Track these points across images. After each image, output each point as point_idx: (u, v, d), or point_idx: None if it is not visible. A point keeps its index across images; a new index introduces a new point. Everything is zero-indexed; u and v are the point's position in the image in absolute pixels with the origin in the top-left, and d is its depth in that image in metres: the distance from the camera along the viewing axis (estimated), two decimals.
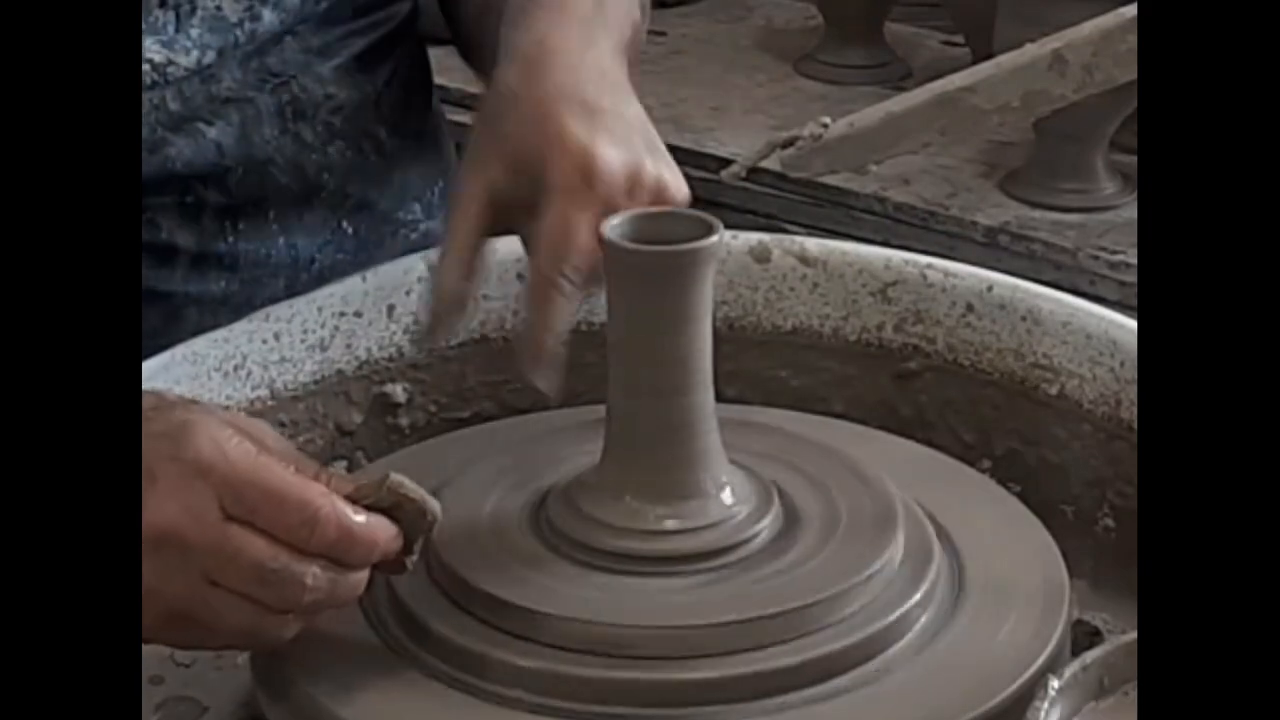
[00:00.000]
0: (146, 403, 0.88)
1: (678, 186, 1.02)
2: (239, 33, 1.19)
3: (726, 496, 0.97)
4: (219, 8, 1.18)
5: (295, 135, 1.24)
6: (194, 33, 1.17)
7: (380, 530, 0.88)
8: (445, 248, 1.01)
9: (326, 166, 1.25)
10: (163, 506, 0.85)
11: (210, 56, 1.18)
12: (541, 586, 0.93)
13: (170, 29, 1.16)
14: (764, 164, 2.01)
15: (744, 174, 2.02)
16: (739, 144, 2.09)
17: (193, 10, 1.17)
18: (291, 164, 1.24)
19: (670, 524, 0.95)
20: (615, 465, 0.97)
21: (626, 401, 0.96)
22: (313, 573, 0.87)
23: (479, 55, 1.24)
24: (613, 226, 0.94)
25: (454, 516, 0.98)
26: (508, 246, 1.24)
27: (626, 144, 1.01)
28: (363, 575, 0.89)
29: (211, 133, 1.20)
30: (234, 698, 1.01)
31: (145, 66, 1.15)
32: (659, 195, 1.01)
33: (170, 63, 1.16)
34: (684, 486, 0.96)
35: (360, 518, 0.88)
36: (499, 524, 0.97)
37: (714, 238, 0.94)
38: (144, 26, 1.15)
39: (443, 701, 0.90)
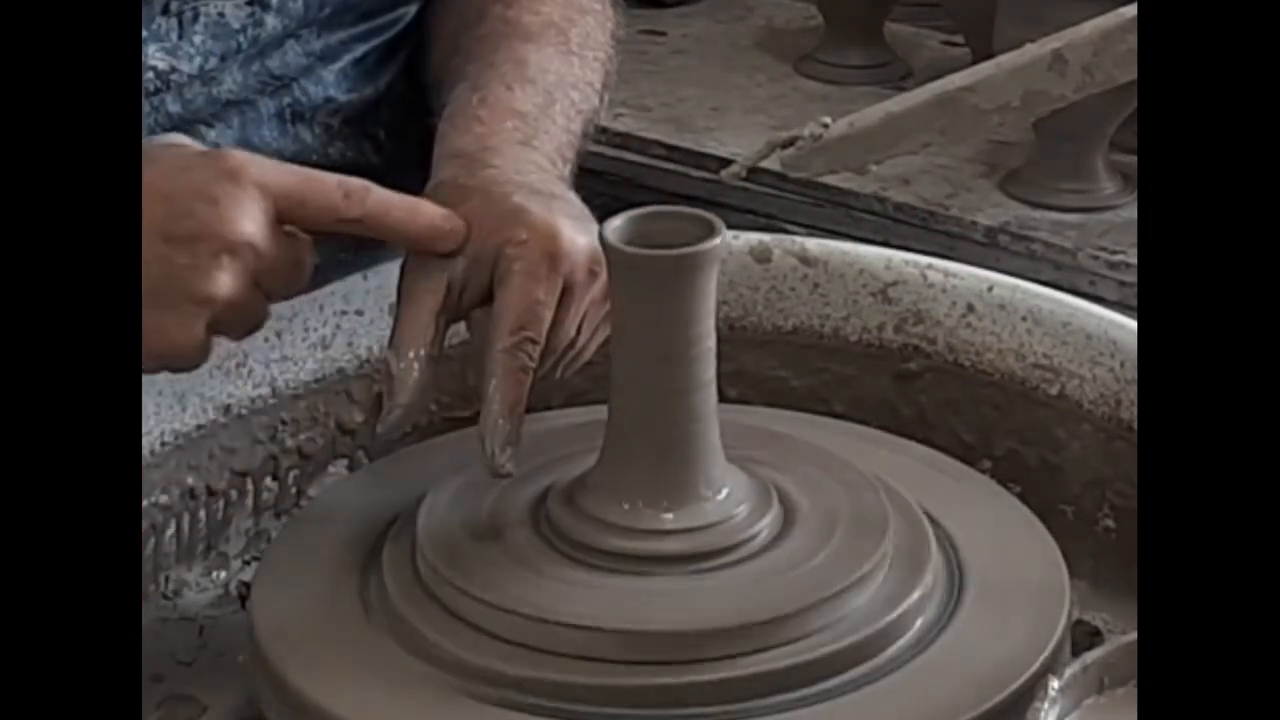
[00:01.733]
0: (156, 149, 0.96)
1: None
2: (242, 39, 1.19)
3: (726, 497, 0.97)
4: (222, 14, 1.18)
5: (295, 136, 1.24)
6: (197, 39, 1.17)
7: (411, 201, 0.98)
8: (403, 343, 0.99)
9: (327, 167, 1.25)
10: (241, 221, 0.94)
11: (213, 63, 1.18)
12: (541, 587, 0.93)
13: (174, 36, 1.16)
14: (764, 164, 2.01)
15: (744, 174, 2.02)
16: (739, 144, 2.09)
17: (196, 17, 1.17)
18: (291, 164, 1.24)
19: (670, 524, 0.95)
20: (615, 465, 0.97)
21: (627, 401, 0.96)
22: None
23: (437, 99, 1.23)
24: (614, 228, 0.94)
25: (454, 517, 0.98)
26: None
27: (586, 222, 1.01)
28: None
29: (211, 135, 1.20)
30: (234, 697, 1.01)
31: (149, 74, 1.15)
32: None
33: (174, 70, 1.16)
34: (684, 487, 0.96)
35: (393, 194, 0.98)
36: (499, 524, 0.97)
37: (716, 240, 0.94)
38: (147, 34, 1.15)
39: (441, 702, 0.90)
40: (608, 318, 1.01)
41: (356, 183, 0.97)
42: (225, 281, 0.93)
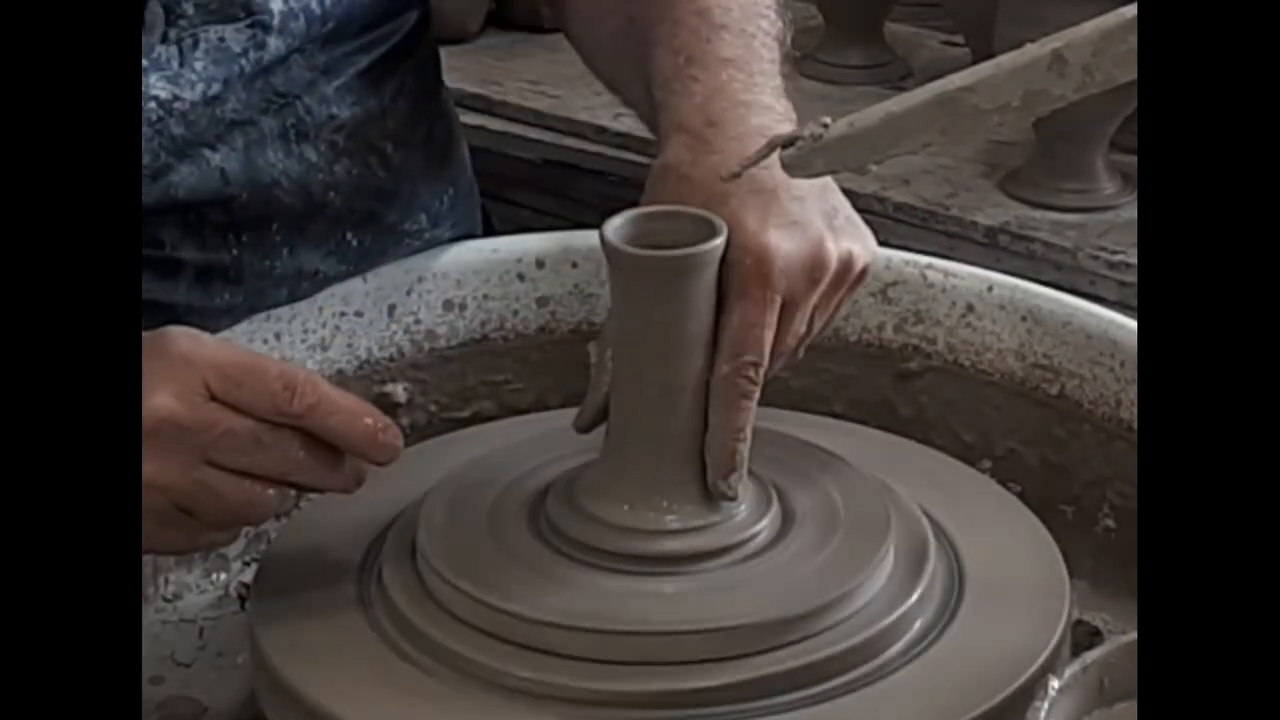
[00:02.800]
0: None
1: (864, 252, 1.00)
2: (244, 61, 1.17)
3: None
4: (222, 39, 1.16)
5: (300, 156, 1.22)
6: (199, 65, 1.15)
7: (355, 401, 0.94)
8: (602, 339, 0.99)
9: (332, 184, 1.24)
10: (153, 397, 0.89)
11: (216, 88, 1.16)
12: (541, 587, 0.93)
13: (175, 64, 1.14)
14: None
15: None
16: None
17: (196, 43, 1.15)
18: (297, 184, 1.22)
19: (669, 524, 0.95)
20: (615, 465, 0.97)
21: (626, 401, 0.96)
22: (297, 444, 0.92)
23: (615, 85, 1.23)
24: (615, 228, 0.94)
25: (454, 517, 0.98)
26: (509, 246, 1.25)
27: (803, 226, 0.98)
28: (343, 460, 0.94)
29: (215, 159, 1.18)
30: (234, 698, 1.01)
31: (150, 104, 1.13)
32: (843, 274, 0.99)
33: (176, 98, 1.14)
34: (683, 487, 0.96)
35: (335, 389, 0.94)
36: (499, 524, 0.97)
37: (717, 241, 0.94)
38: (147, 64, 1.13)
39: (442, 703, 0.90)
40: (847, 295, 1.01)
41: (303, 378, 0.93)
42: (147, 464, 0.89)
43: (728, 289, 0.95)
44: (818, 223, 0.99)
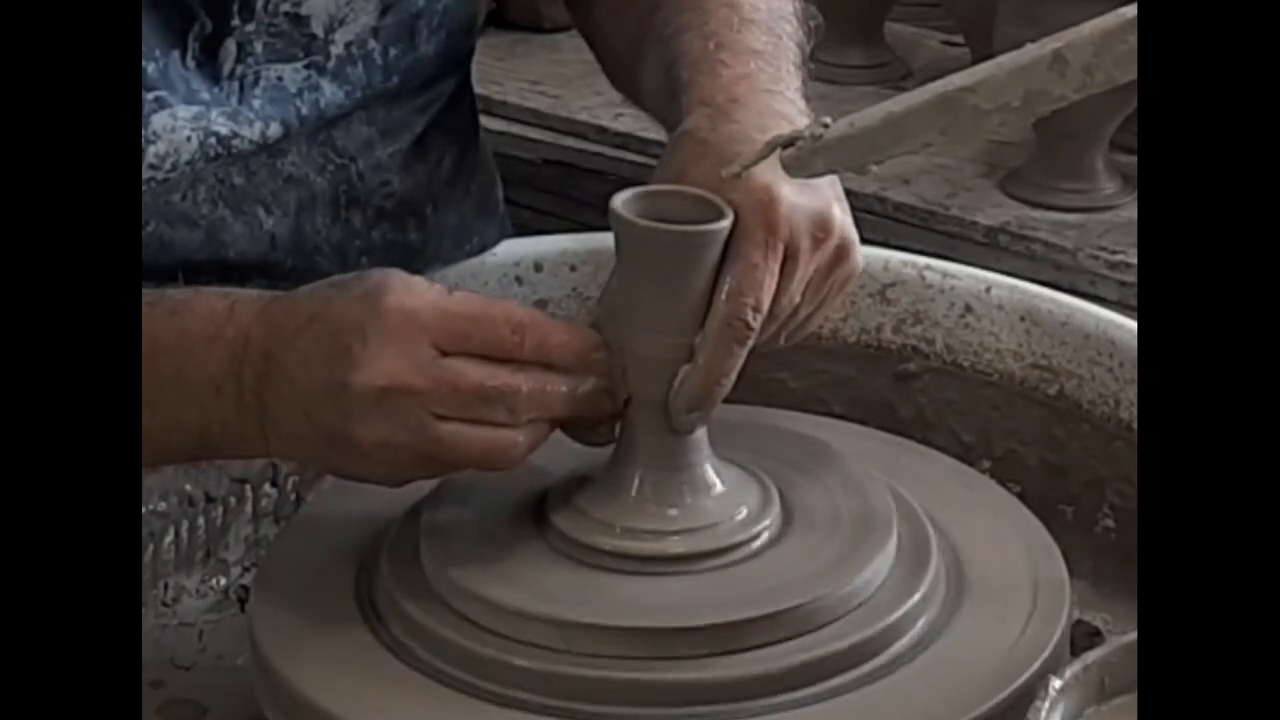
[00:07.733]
0: (348, 276, 0.95)
1: (858, 247, 1.00)
2: (299, 103, 1.18)
3: (726, 497, 0.97)
4: (280, 78, 1.17)
5: (345, 222, 1.23)
6: (256, 103, 1.16)
7: (582, 331, 0.94)
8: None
9: (367, 250, 1.24)
10: (380, 360, 0.90)
11: (274, 129, 1.17)
12: (541, 586, 0.93)
13: (234, 100, 1.15)
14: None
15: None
16: None
17: (256, 80, 1.16)
18: (336, 251, 1.23)
19: (670, 524, 0.95)
20: (615, 464, 0.97)
21: (629, 383, 0.95)
22: (525, 380, 0.92)
23: (630, 77, 1.23)
24: (624, 201, 0.94)
25: (453, 516, 0.98)
26: (507, 250, 1.25)
27: (813, 189, 0.98)
28: (572, 381, 0.93)
29: (268, 222, 1.19)
30: (234, 700, 1.01)
31: (211, 140, 1.14)
32: (841, 254, 0.99)
33: (235, 134, 1.15)
34: (684, 486, 0.96)
35: (559, 322, 0.94)
36: (499, 523, 0.97)
37: (725, 222, 0.93)
38: (210, 98, 1.14)
39: (442, 702, 0.90)
40: (837, 286, 1.00)
41: (528, 321, 0.93)
42: (378, 426, 0.91)
43: (735, 233, 0.95)
44: (828, 191, 0.99)
